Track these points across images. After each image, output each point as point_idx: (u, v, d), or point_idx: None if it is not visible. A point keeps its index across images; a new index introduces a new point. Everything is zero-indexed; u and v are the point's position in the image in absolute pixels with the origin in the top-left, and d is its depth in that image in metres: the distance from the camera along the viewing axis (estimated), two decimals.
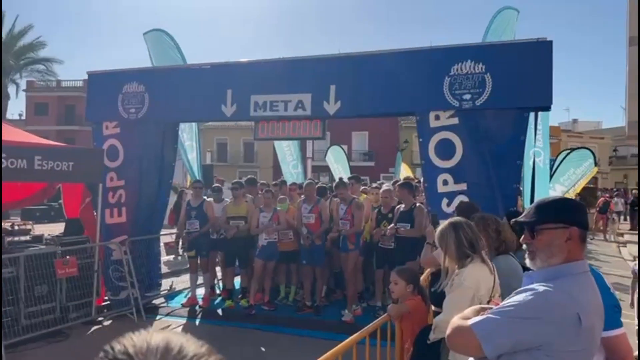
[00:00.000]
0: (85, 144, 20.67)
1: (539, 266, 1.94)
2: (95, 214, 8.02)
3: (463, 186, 6.38)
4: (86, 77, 8.60)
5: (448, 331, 1.98)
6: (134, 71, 8.23)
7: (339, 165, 15.84)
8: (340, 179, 8.50)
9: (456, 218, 3.38)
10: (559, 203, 2.01)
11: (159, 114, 7.97)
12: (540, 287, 1.81)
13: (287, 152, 13.75)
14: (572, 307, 1.76)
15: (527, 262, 2.00)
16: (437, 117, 6.58)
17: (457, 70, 6.44)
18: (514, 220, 2.13)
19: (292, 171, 13.60)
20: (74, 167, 7.03)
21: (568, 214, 1.94)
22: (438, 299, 3.43)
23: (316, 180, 10.53)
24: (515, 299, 1.84)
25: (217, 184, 9.67)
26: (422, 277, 4.87)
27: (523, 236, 2.01)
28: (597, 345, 1.91)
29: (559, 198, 2.07)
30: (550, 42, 6.12)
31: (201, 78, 7.74)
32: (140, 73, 8.18)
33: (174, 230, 12.84)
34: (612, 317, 2.27)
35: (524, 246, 2.01)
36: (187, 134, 10.86)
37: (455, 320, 1.98)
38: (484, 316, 1.88)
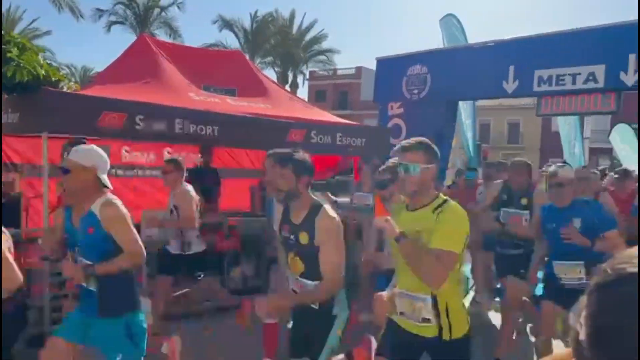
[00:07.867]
0: None
1: None
2: None
3: None
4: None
5: None
6: (418, 54, 8.85)
7: (625, 146, 14.10)
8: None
9: None
10: None
11: (440, 94, 8.42)
12: None
13: (571, 132, 12.77)
14: None
15: None
16: None
17: None
18: None
19: (570, 152, 12.65)
20: (366, 143, 7.99)
21: None
22: None
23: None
24: None
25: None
26: None
27: None
28: None
29: None
30: None
31: (482, 56, 7.91)
32: (423, 55, 8.76)
33: None
34: None
35: None
36: (465, 111, 11.09)
37: None
38: None
